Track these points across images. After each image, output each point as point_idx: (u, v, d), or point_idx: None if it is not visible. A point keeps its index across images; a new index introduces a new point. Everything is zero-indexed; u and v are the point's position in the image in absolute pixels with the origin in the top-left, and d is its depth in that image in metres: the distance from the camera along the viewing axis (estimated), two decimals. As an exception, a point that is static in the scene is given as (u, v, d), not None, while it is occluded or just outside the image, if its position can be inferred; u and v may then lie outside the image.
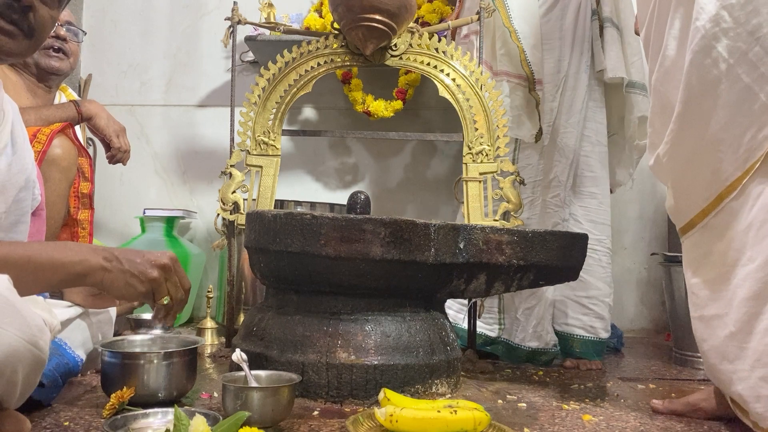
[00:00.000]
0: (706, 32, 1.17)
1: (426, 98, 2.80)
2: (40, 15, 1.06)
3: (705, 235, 1.27)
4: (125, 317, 2.01)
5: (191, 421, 0.98)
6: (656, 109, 1.35)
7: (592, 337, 1.97)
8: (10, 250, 0.97)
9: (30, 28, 1.05)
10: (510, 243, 1.50)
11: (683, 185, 1.30)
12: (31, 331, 0.90)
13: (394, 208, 2.83)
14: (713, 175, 1.22)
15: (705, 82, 1.19)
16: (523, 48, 1.92)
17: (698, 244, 1.29)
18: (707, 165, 1.23)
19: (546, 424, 1.29)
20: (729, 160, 1.20)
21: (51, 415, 1.22)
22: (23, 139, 1.19)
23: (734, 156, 1.19)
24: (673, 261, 2.11)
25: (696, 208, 1.27)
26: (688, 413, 1.38)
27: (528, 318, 1.95)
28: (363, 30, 1.82)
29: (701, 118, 1.21)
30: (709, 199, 1.24)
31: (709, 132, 1.20)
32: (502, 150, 1.92)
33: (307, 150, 2.89)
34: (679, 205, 1.33)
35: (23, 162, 1.16)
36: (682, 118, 1.24)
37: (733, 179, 1.20)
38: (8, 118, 1.14)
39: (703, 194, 1.25)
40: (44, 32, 1.09)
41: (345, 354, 1.40)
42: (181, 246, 2.57)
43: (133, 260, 1.08)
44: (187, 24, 2.99)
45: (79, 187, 1.75)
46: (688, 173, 1.27)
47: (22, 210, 1.16)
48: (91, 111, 1.82)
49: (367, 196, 1.65)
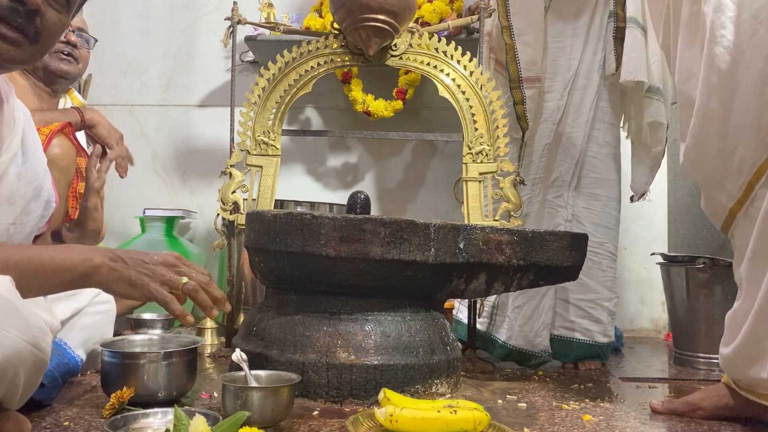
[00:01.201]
0: (712, 22, 1.18)
1: (426, 98, 2.80)
2: (48, 19, 1.02)
3: (745, 225, 1.25)
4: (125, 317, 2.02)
5: (191, 421, 0.98)
6: (683, 110, 1.35)
7: (588, 340, 1.94)
8: (12, 252, 0.96)
9: (36, 32, 1.01)
10: (510, 243, 1.50)
11: (715, 179, 1.29)
12: (33, 332, 0.90)
13: (394, 208, 2.83)
14: (740, 164, 1.22)
15: (720, 72, 1.20)
16: (513, 45, 1.90)
17: (743, 235, 1.27)
18: (734, 154, 1.22)
19: (546, 424, 1.29)
20: (753, 147, 1.19)
21: (51, 415, 1.22)
22: (35, 147, 1.16)
23: (756, 141, 1.19)
24: (673, 261, 2.11)
25: (732, 198, 1.26)
26: (687, 413, 1.38)
27: (517, 316, 1.92)
28: (368, 30, 1.82)
29: (721, 108, 1.22)
30: (742, 188, 1.23)
31: (731, 121, 1.21)
32: (502, 150, 1.92)
33: (307, 150, 2.89)
34: (716, 199, 1.31)
35: (34, 171, 1.13)
36: (702, 110, 1.24)
37: (760, 163, 1.19)
38: (19, 126, 1.11)
39: (735, 183, 1.24)
40: (52, 37, 1.05)
41: (345, 354, 1.40)
42: (181, 246, 2.57)
43: (139, 259, 1.07)
44: (186, 24, 2.99)
45: (77, 188, 1.75)
46: (718, 165, 1.27)
47: (32, 221, 1.13)
48: (94, 120, 1.82)
49: (367, 196, 1.65)
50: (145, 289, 1.05)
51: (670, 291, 2.12)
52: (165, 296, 1.06)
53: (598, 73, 1.98)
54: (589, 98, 1.98)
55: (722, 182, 1.27)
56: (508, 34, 1.91)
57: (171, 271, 1.09)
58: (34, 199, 1.13)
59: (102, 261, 1.02)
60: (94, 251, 1.04)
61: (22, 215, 1.11)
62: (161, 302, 1.06)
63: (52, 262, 0.98)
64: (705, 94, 1.23)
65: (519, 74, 1.90)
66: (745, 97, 1.18)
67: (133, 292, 1.06)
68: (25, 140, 1.12)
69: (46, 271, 0.98)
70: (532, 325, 1.91)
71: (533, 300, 1.92)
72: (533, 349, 1.90)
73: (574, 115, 1.98)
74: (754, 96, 1.17)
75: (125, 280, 1.04)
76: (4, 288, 0.87)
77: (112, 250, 1.07)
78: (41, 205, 1.15)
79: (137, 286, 1.05)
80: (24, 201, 1.11)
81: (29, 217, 1.12)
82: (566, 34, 1.98)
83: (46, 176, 1.18)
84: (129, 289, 1.05)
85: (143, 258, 1.08)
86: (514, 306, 1.93)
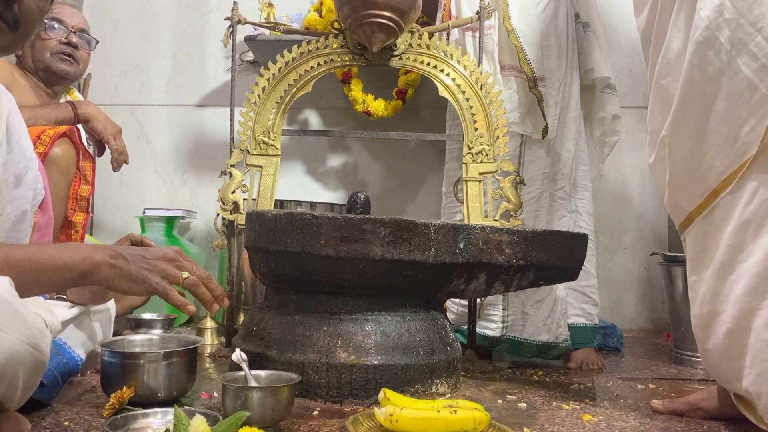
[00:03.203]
0: (709, 22, 1.16)
1: (426, 98, 2.80)
2: (26, 5, 1.01)
3: (702, 231, 1.26)
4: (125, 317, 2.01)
5: (191, 421, 0.98)
6: (657, 104, 1.34)
7: (589, 324, 2.04)
8: (11, 252, 0.96)
9: (15, 19, 1.00)
10: (510, 243, 1.50)
11: (681, 179, 1.29)
12: (32, 333, 0.90)
13: (394, 208, 2.83)
14: (709, 169, 1.21)
15: (706, 74, 1.18)
16: (522, 47, 1.96)
17: (696, 240, 1.28)
18: (704, 159, 1.22)
19: (546, 424, 1.29)
20: (725, 154, 1.18)
21: (51, 415, 1.22)
22: (20, 135, 1.14)
23: (731, 149, 1.18)
24: (673, 261, 2.11)
25: (693, 202, 1.26)
26: (688, 413, 1.38)
27: (537, 311, 1.95)
28: (373, 26, 1.81)
29: (701, 110, 1.20)
30: (705, 194, 1.23)
31: (708, 125, 1.20)
32: (502, 150, 1.93)
33: (307, 150, 2.89)
34: (677, 200, 1.32)
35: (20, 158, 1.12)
36: (681, 110, 1.23)
37: (729, 173, 1.19)
38: (3, 113, 1.09)
39: (699, 189, 1.24)
40: (31, 24, 1.04)
41: (345, 354, 1.40)
42: (181, 246, 2.56)
43: (139, 255, 1.07)
44: (187, 24, 2.99)
45: (79, 190, 1.75)
46: (686, 167, 1.26)
47: (20, 208, 1.12)
48: (89, 113, 1.82)
49: (367, 196, 1.65)
50: (146, 283, 1.06)
51: (670, 291, 2.12)
52: (165, 288, 1.07)
53: (576, 72, 2.11)
54: (575, 95, 2.09)
55: (686, 184, 1.27)
56: (515, 37, 1.96)
57: (171, 265, 1.09)
58: (15, 187, 1.12)
59: (102, 259, 1.03)
60: (94, 249, 1.04)
61: (8, 204, 1.10)
62: (162, 293, 1.07)
63: (52, 261, 0.98)
64: (686, 92, 1.21)
65: (533, 73, 1.95)
66: (727, 102, 1.17)
67: (135, 288, 1.06)
68: (9, 128, 1.11)
69: (46, 270, 0.98)
70: (554, 318, 1.95)
71: (552, 293, 1.96)
72: (556, 340, 1.95)
73: (566, 110, 2.05)
74: (737, 104, 1.16)
75: (126, 276, 1.04)
76: (3, 289, 0.87)
77: (111, 247, 1.07)
78: (26, 192, 1.14)
79: (138, 281, 1.05)
80: (7, 190, 1.09)
81: (12, 206, 1.11)
82: (551, 34, 2.04)
83: (30, 164, 1.16)
84: (130, 284, 1.05)
85: (143, 254, 1.08)
86: (534, 301, 1.96)
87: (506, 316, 1.99)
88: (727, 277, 1.20)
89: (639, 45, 1.45)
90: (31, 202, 1.16)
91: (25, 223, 1.15)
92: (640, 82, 2.81)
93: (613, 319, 2.55)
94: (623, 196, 2.83)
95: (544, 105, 1.95)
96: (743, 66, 1.15)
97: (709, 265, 1.24)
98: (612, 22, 2.68)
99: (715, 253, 1.22)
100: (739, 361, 1.18)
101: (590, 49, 2.14)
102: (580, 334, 2.01)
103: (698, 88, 1.20)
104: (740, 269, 1.17)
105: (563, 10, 2.07)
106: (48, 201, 1.27)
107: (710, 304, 1.24)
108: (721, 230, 1.21)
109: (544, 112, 1.96)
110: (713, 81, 1.18)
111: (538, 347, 1.95)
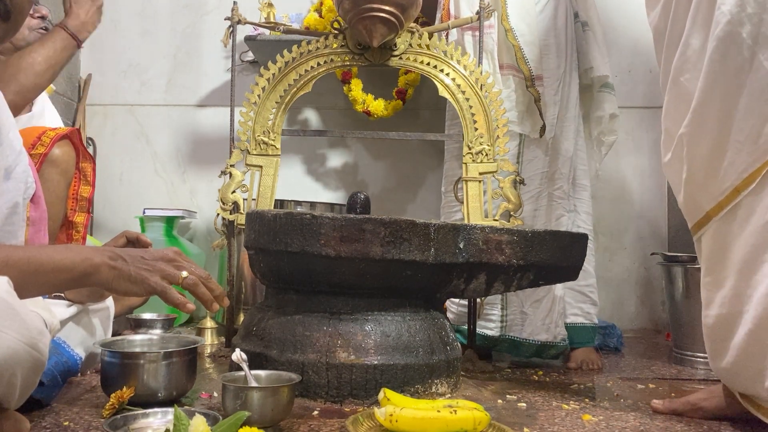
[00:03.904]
0: (732, 17, 1.14)
1: (426, 98, 2.80)
2: None
3: (721, 230, 1.23)
4: (125, 317, 2.01)
5: (191, 421, 0.98)
6: (674, 101, 1.31)
7: (588, 323, 2.04)
8: (11, 252, 0.96)
9: (6, 10, 1.01)
10: (510, 243, 1.50)
11: (699, 178, 1.26)
12: (31, 333, 0.90)
13: (394, 208, 2.83)
14: (730, 167, 1.19)
15: (728, 70, 1.16)
16: (519, 46, 1.96)
17: (714, 240, 1.25)
18: (725, 156, 1.19)
19: (546, 424, 1.29)
20: (748, 151, 1.16)
21: (51, 415, 1.22)
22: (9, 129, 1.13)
23: (753, 146, 1.16)
24: (673, 261, 2.11)
25: (712, 201, 1.24)
26: (688, 413, 1.38)
27: (536, 311, 1.95)
28: (374, 20, 1.80)
29: (722, 107, 1.18)
30: (725, 192, 1.20)
31: (730, 122, 1.18)
32: (502, 150, 1.93)
33: (307, 150, 2.89)
34: (694, 199, 1.29)
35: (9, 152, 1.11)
36: (701, 107, 1.21)
37: (752, 170, 1.16)
38: None
39: (719, 187, 1.21)
40: (21, 14, 1.05)
41: (345, 354, 1.40)
42: (181, 246, 2.56)
43: (138, 256, 1.07)
44: (187, 24, 2.99)
45: (79, 190, 1.75)
46: (705, 165, 1.24)
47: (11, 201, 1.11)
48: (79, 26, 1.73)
49: (367, 196, 1.65)
50: (146, 283, 1.05)
51: (670, 291, 2.12)
52: (164, 287, 1.07)
53: (576, 71, 2.11)
54: (574, 94, 2.09)
55: (705, 182, 1.25)
56: (512, 36, 1.97)
57: (170, 265, 1.09)
58: (5, 180, 1.11)
59: (102, 260, 1.02)
60: (93, 250, 1.04)
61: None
62: (161, 293, 1.06)
63: (51, 262, 0.98)
64: (707, 89, 1.19)
65: (531, 72, 1.96)
66: (749, 99, 1.15)
67: (134, 288, 1.06)
68: None
69: (45, 270, 0.98)
70: (552, 317, 1.96)
71: (550, 292, 1.96)
72: (554, 340, 1.95)
73: (565, 110, 2.05)
74: (760, 101, 1.14)
75: (125, 277, 1.04)
76: (2, 289, 0.87)
77: (110, 248, 1.07)
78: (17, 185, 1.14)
79: (137, 282, 1.05)
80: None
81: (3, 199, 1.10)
82: (550, 33, 2.04)
83: (20, 157, 1.15)
84: (129, 285, 1.05)
85: (142, 254, 1.08)
86: (533, 300, 1.96)
87: (505, 315, 1.99)
88: (751, 277, 1.17)
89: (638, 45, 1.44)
90: (22, 195, 1.15)
91: (17, 216, 1.14)
92: (640, 82, 2.82)
93: (613, 319, 2.55)
94: (623, 196, 2.83)
95: (542, 104, 1.96)
96: (766, 62, 1.13)
97: (729, 265, 1.22)
98: (612, 21, 2.68)
99: (738, 252, 1.20)
100: (762, 362, 1.16)
101: (589, 48, 2.14)
102: (579, 334, 2.01)
103: (719, 84, 1.18)
104: (765, 269, 1.15)
105: (562, 9, 2.07)
106: (40, 195, 1.27)
107: (731, 304, 1.21)
108: (744, 229, 1.18)
109: (541, 111, 1.96)
110: (735, 77, 1.16)
111: (537, 347, 1.95)
